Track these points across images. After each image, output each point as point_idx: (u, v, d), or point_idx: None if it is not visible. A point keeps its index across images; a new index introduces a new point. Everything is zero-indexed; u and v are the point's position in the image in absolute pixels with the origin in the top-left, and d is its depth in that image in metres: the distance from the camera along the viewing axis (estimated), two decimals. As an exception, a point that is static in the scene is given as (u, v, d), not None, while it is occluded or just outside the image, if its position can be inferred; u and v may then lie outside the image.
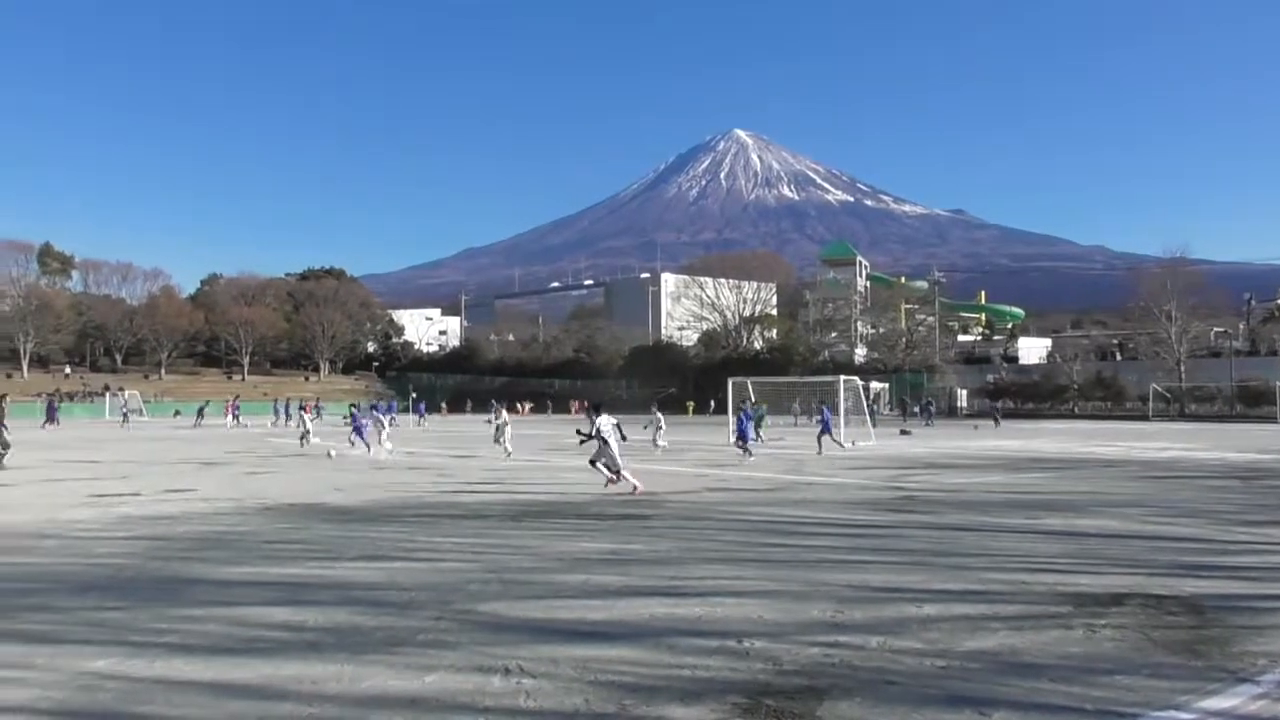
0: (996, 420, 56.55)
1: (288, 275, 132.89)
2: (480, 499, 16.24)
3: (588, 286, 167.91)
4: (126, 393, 76.13)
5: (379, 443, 29.16)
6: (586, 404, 21.03)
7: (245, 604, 7.97)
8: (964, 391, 78.92)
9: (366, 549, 10.92)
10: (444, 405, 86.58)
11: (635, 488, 16.98)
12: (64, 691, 5.66)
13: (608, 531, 12.35)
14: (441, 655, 6.36)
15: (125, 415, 63.06)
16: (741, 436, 26.48)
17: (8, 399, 26.15)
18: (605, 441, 17.30)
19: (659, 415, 30.65)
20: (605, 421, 17.50)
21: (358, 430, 30.61)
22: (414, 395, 74.54)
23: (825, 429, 30.10)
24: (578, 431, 19.10)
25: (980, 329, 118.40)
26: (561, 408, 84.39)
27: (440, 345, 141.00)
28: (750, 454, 25.60)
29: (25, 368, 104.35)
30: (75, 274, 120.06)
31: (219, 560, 10.19)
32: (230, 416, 57.24)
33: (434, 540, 11.73)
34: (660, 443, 29.17)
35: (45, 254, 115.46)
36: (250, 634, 6.99)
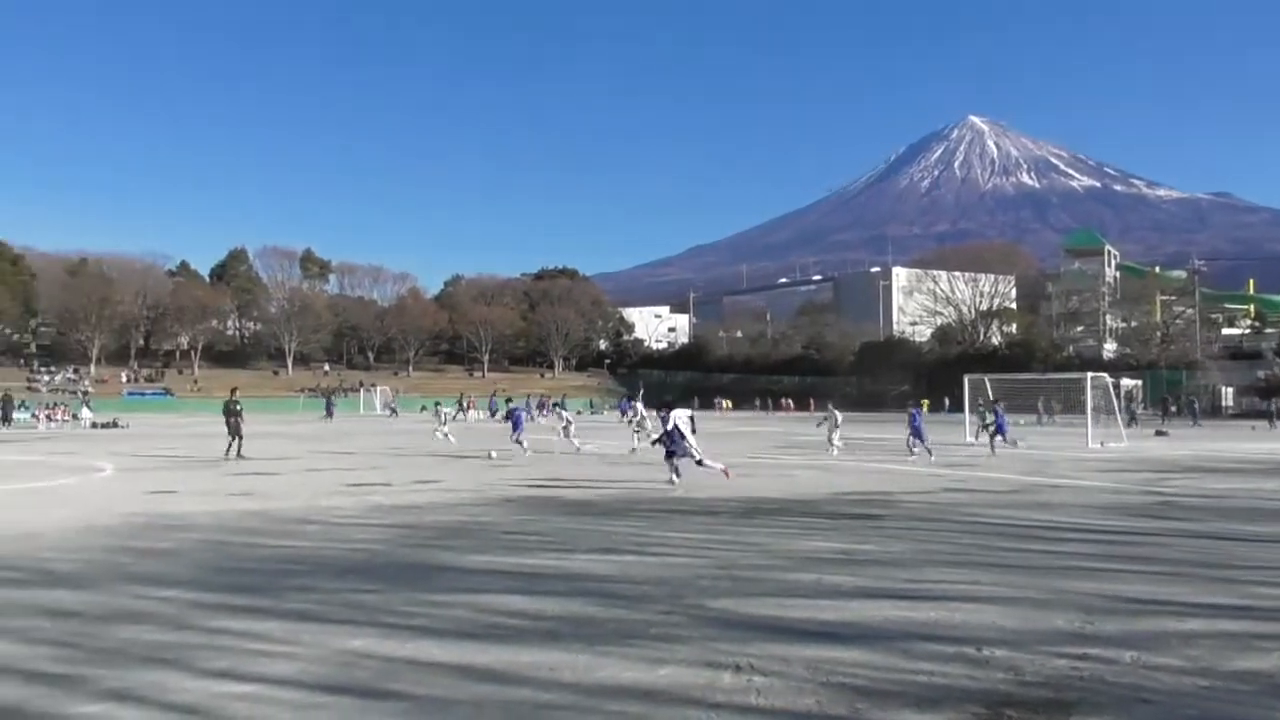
0: (1272, 421, 51.92)
1: (523, 275, 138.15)
2: (711, 496, 16.32)
3: (816, 282, 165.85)
4: (380, 389, 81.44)
5: (567, 437, 29.37)
6: (661, 402, 20.90)
7: (487, 591, 8.31)
8: (1229, 389, 72.91)
9: (600, 542, 11.18)
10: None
11: (725, 470, 17.73)
12: (325, 667, 6.08)
13: (839, 531, 12.14)
14: (673, 649, 6.42)
15: (393, 410, 68.00)
16: (999, 430, 26.71)
17: (238, 391, 28.06)
18: (682, 436, 17.70)
19: (836, 414, 29.84)
20: (680, 415, 18.02)
21: (515, 425, 27.53)
22: (642, 392, 76.14)
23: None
24: (654, 442, 19.61)
25: (1249, 321, 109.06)
26: (801, 405, 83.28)
27: (669, 342, 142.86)
28: (994, 452, 24.97)
29: (290, 365, 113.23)
30: (332, 277, 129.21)
31: (462, 549, 10.69)
32: (462, 413, 61.76)
33: (665, 535, 11.87)
34: (836, 443, 28.30)
35: (306, 259, 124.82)
36: (491, 620, 7.28)
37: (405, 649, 6.48)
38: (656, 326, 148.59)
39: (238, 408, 26.08)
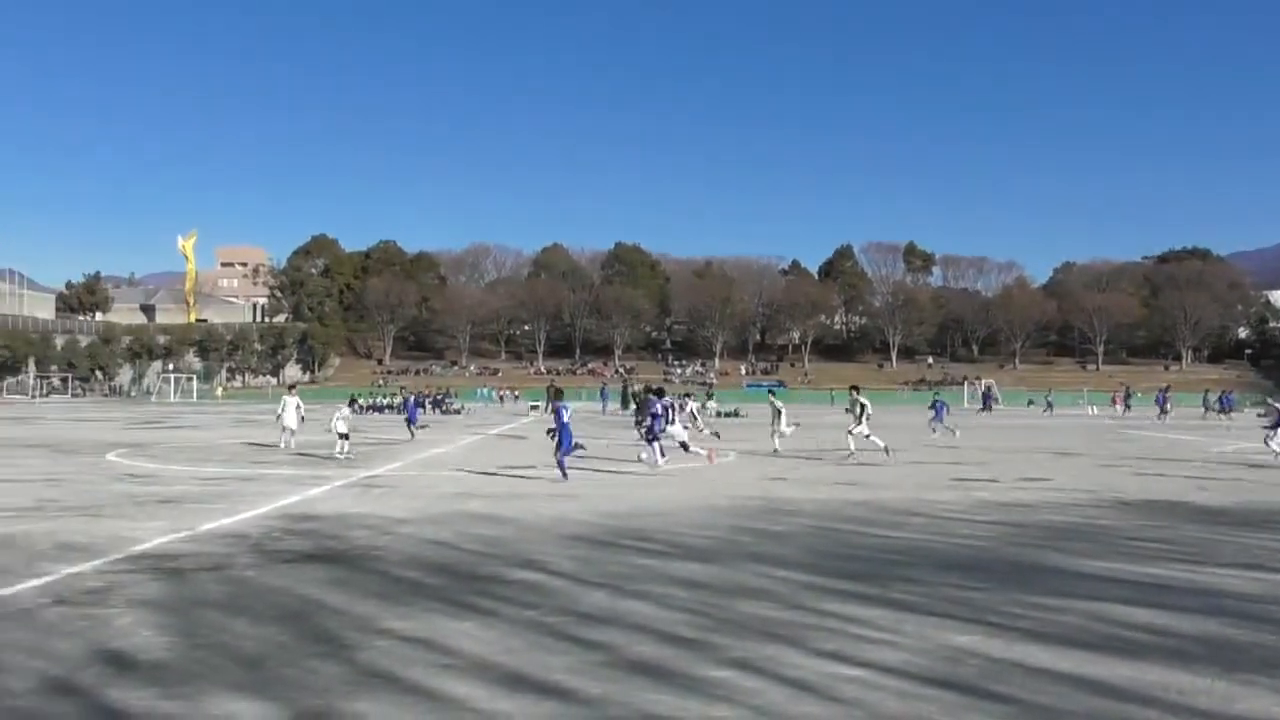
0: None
1: (1145, 259, 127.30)
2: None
3: None
4: (983, 382, 79.78)
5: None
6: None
7: (1102, 599, 7.70)
8: None
9: (1239, 556, 9.86)
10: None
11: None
12: (929, 660, 6.02)
13: None
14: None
15: (1049, 405, 64.59)
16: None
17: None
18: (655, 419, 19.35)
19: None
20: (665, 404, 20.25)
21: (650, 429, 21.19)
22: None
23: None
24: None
25: None
26: None
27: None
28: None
29: (894, 358, 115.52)
30: (935, 269, 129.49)
31: (1075, 552, 10.04)
32: (1118, 406, 60.09)
33: (1324, 552, 10.14)
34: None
35: (909, 253, 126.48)
36: (1108, 631, 6.73)
37: (1012, 650, 6.22)
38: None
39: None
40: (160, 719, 4.96)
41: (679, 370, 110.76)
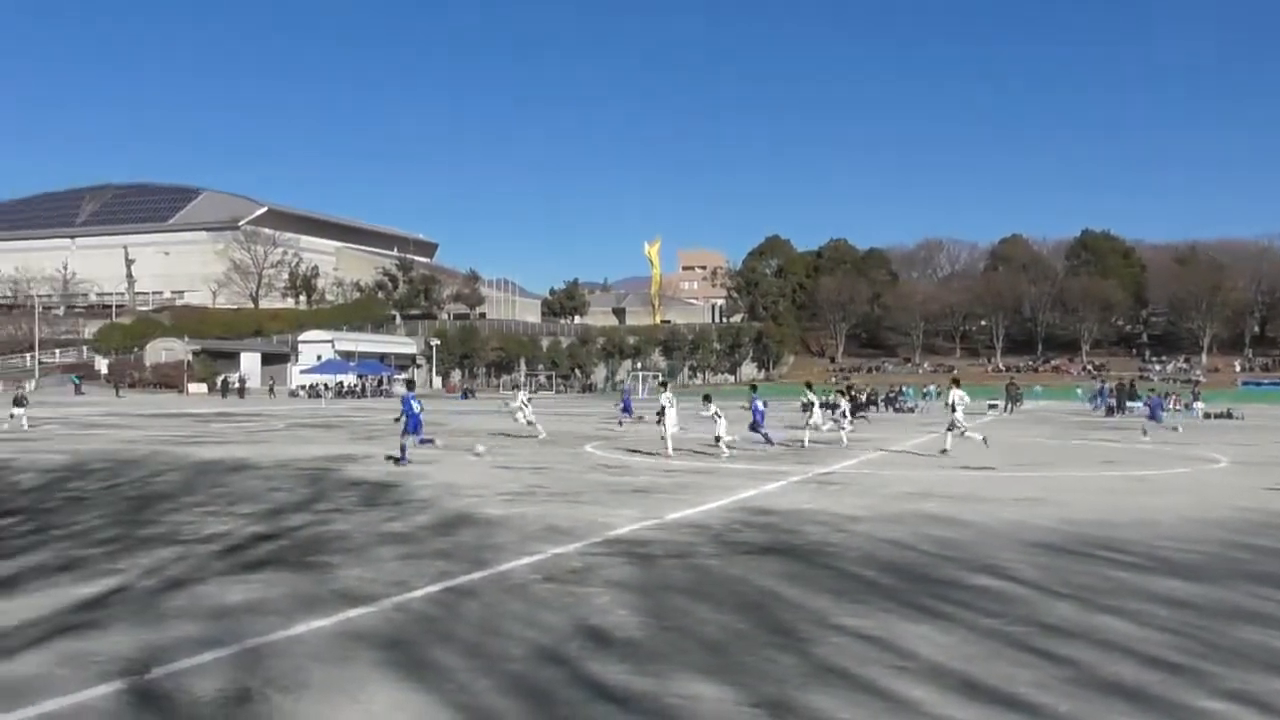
0: None
1: None
2: None
3: None
4: None
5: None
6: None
7: None
8: None
9: None
10: None
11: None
12: None
13: None
14: None
15: None
16: None
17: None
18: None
19: None
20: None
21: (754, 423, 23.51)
22: None
23: None
24: None
25: None
26: None
27: None
28: None
29: None
30: None
31: None
32: None
33: None
34: None
35: None
36: None
37: None
38: None
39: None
40: (634, 694, 5.33)
41: (1157, 367, 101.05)
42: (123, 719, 4.92)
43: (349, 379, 78.75)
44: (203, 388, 74.98)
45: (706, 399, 22.64)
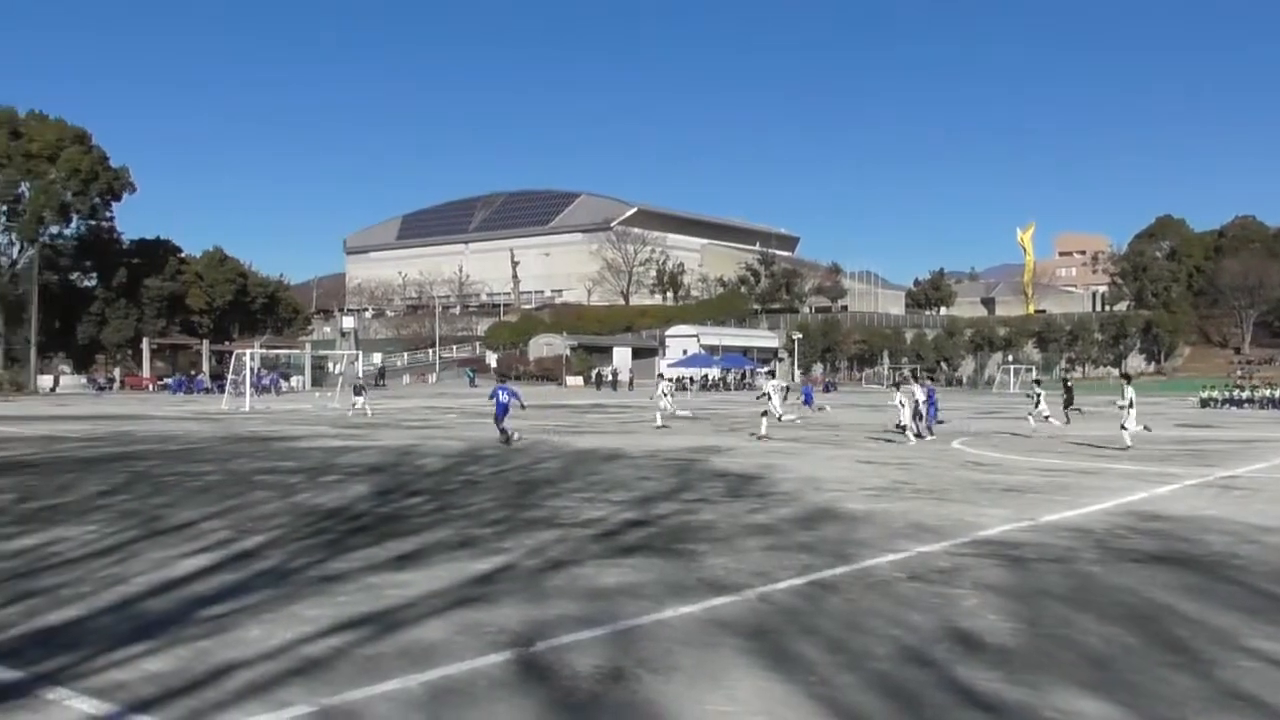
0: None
1: None
2: None
3: None
4: None
5: None
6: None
7: None
8: None
9: None
10: None
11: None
12: None
13: None
14: None
15: None
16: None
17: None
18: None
19: None
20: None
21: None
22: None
23: None
24: None
25: None
26: None
27: None
28: None
29: None
30: None
31: None
32: None
33: None
34: None
35: None
36: None
37: None
38: None
39: None
40: (1007, 704, 5.04)
41: None
42: (511, 687, 5.31)
43: (713, 372, 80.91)
44: (579, 380, 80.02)
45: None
